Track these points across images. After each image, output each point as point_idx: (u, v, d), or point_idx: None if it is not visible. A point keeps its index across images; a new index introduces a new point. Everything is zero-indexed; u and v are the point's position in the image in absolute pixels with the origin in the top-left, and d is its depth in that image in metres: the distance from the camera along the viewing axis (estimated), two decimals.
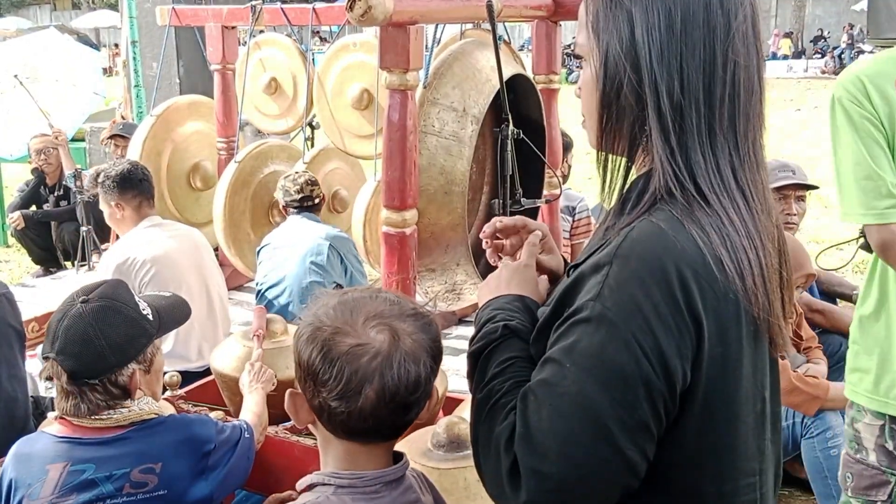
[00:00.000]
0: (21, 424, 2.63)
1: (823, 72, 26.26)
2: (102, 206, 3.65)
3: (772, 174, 3.22)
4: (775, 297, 1.07)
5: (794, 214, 3.45)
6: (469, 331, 4.44)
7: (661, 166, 1.04)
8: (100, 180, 3.57)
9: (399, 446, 2.13)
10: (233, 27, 4.82)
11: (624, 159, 1.11)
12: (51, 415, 2.02)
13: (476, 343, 1.18)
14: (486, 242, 1.42)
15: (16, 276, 6.51)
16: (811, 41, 30.29)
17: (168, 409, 2.58)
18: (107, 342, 1.81)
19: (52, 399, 3.00)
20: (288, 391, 1.27)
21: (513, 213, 3.40)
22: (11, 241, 6.88)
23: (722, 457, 1.06)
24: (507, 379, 1.10)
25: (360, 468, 1.25)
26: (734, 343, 1.03)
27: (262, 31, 5.08)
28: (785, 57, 27.67)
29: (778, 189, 3.33)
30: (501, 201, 3.35)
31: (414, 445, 2.07)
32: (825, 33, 30.10)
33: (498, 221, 1.41)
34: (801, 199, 3.49)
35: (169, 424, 1.90)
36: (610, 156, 1.12)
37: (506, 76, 3.23)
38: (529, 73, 3.93)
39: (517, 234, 1.41)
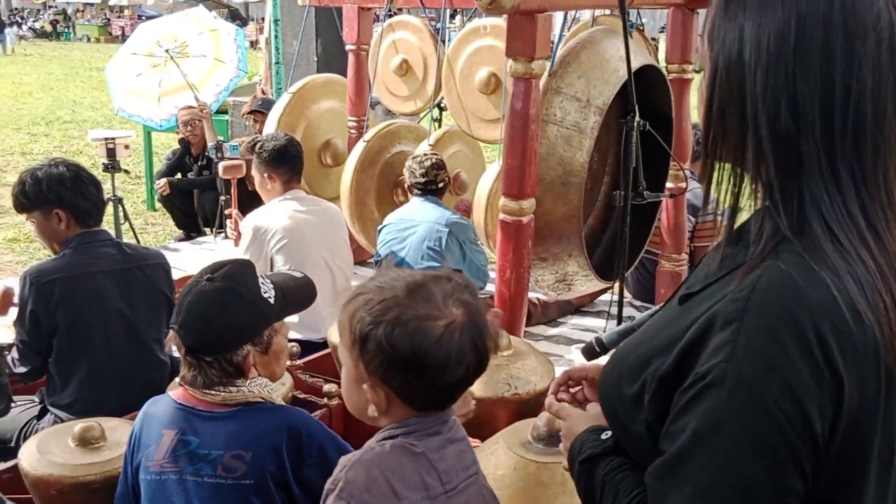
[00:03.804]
0: (159, 386, 2.80)
1: None
2: (254, 173, 3.87)
3: None
4: None
5: None
6: (584, 321, 4.43)
7: (773, 201, 0.97)
8: (257, 150, 3.78)
9: (500, 435, 2.17)
10: (368, 8, 4.92)
11: (733, 180, 1.04)
12: (178, 378, 2.11)
13: (579, 456, 1.20)
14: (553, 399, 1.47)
15: (160, 239, 6.94)
16: None
17: (288, 381, 2.67)
18: (223, 323, 1.83)
19: None
20: (367, 385, 1.33)
21: (634, 207, 3.35)
22: (158, 205, 7.32)
23: None
24: (622, 470, 1.10)
25: None
26: (872, 394, 0.95)
27: (399, 11, 5.16)
28: None
29: None
30: (623, 193, 3.30)
31: (514, 436, 2.09)
32: None
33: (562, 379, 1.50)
34: None
35: (272, 414, 1.86)
36: (715, 175, 1.05)
37: (635, 66, 3.17)
38: (662, 62, 3.83)
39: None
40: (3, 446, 2.75)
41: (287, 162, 3.75)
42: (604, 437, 1.17)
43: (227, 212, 5.03)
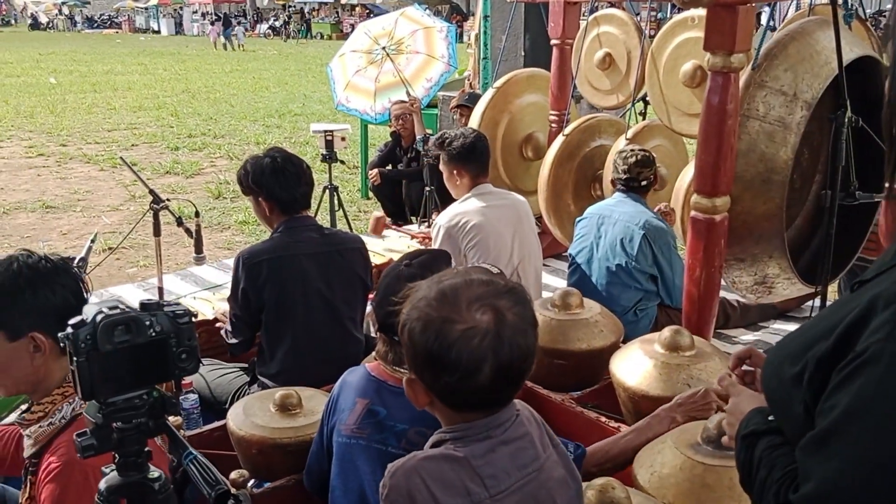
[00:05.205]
0: (354, 361, 2.99)
1: None
2: (442, 169, 3.93)
3: None
4: None
5: None
6: (787, 326, 4.20)
7: None
8: (445, 146, 3.84)
9: (669, 435, 2.13)
10: (574, 3, 4.92)
11: None
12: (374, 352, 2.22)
13: (743, 430, 1.22)
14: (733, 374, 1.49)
15: (370, 226, 7.33)
16: None
17: None
18: None
19: None
20: (405, 379, 1.42)
21: (845, 208, 3.14)
22: (371, 194, 7.74)
23: None
24: (781, 447, 1.12)
25: None
26: None
27: (611, 5, 5.13)
28: None
29: None
30: (830, 193, 3.11)
31: (683, 436, 2.06)
32: None
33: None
34: None
35: None
36: None
37: (851, 57, 2.97)
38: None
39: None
40: (219, 408, 3.07)
41: (476, 158, 3.78)
42: (771, 417, 1.18)
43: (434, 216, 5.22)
